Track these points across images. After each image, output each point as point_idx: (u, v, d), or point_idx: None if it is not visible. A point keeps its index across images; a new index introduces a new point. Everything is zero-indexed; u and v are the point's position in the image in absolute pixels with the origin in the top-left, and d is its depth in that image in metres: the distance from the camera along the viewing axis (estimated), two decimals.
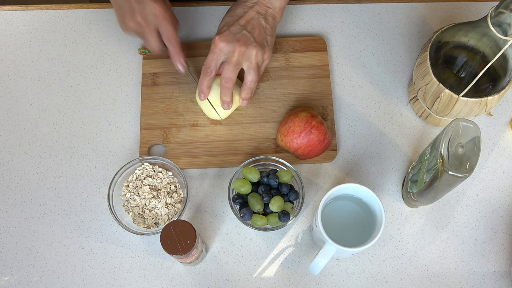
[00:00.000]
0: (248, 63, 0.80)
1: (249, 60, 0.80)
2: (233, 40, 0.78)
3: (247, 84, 0.82)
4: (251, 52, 0.79)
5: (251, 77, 0.81)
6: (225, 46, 0.78)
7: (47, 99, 0.90)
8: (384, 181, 0.86)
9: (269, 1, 0.82)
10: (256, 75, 0.81)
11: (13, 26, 0.95)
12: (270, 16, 0.82)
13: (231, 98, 0.82)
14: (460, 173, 0.65)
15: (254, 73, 0.81)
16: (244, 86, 0.82)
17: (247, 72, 0.81)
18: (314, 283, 0.80)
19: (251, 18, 0.80)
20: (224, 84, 0.80)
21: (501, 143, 0.88)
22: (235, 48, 0.78)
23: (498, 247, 0.82)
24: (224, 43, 0.78)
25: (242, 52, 0.78)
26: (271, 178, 0.79)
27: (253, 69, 0.80)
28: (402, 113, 0.90)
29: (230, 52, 0.78)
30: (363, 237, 0.75)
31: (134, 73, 0.92)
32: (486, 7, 0.97)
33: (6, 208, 0.84)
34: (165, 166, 0.84)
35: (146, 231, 0.80)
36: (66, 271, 0.81)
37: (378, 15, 0.97)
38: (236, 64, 0.79)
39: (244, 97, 0.83)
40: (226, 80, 0.80)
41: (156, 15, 0.78)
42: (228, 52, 0.79)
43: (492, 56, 0.72)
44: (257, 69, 0.81)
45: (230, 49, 0.78)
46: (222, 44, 0.78)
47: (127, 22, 0.79)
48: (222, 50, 0.78)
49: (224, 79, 0.80)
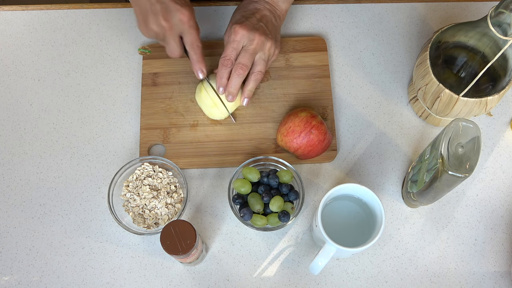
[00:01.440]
0: (262, 53, 0.81)
1: (263, 51, 0.81)
2: (253, 29, 0.79)
3: (254, 73, 0.82)
4: (268, 43, 0.80)
5: (260, 67, 0.81)
6: (246, 33, 0.79)
7: (47, 99, 0.90)
8: (384, 181, 0.86)
9: (277, 3, 0.84)
10: (265, 67, 0.82)
11: (13, 26, 0.95)
12: (277, 17, 0.84)
13: (238, 88, 0.82)
14: (460, 173, 0.65)
15: (264, 64, 0.82)
16: (250, 77, 0.82)
17: (257, 62, 0.81)
18: (314, 283, 0.80)
19: (264, 15, 0.82)
20: (239, 71, 0.80)
21: (501, 143, 0.88)
22: (255, 36, 0.79)
23: (498, 247, 0.82)
24: (246, 31, 0.79)
25: (261, 41, 0.80)
26: (271, 178, 0.79)
27: (264, 60, 0.81)
28: (402, 113, 0.90)
29: (250, 40, 0.79)
30: (363, 237, 0.75)
31: (134, 73, 0.92)
32: (486, 7, 0.97)
33: (6, 208, 0.84)
34: (165, 166, 0.84)
35: (146, 231, 0.80)
36: (66, 271, 0.81)
37: (378, 15, 0.97)
38: (253, 52, 0.80)
39: (249, 89, 0.83)
40: (241, 66, 0.80)
41: (183, 21, 0.77)
42: (248, 39, 0.79)
43: (492, 56, 0.72)
44: (267, 62, 0.82)
45: (250, 37, 0.79)
46: (244, 31, 0.79)
47: (149, 25, 0.77)
48: (243, 37, 0.79)
49: (239, 65, 0.80)
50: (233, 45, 0.79)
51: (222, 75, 0.81)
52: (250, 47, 0.79)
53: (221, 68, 0.80)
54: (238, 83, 0.81)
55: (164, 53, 0.91)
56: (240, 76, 0.80)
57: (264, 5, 0.84)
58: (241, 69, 0.80)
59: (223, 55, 0.80)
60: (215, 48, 0.92)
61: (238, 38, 0.79)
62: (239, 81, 0.81)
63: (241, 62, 0.80)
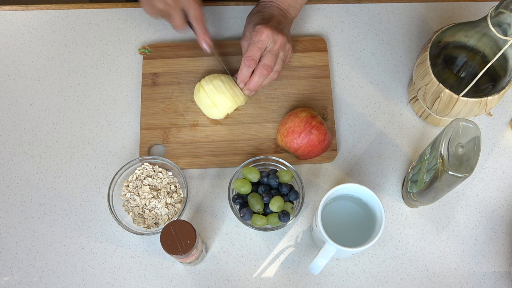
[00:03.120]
0: (282, 54, 0.83)
1: (284, 51, 0.83)
2: (277, 29, 0.81)
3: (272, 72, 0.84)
4: (288, 45, 0.83)
5: (278, 67, 0.84)
6: (271, 33, 0.80)
7: (47, 99, 0.90)
8: (384, 181, 0.86)
9: (287, 11, 0.88)
10: (282, 67, 0.85)
11: (13, 26, 0.95)
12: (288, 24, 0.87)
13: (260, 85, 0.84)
14: (460, 173, 0.65)
15: (282, 64, 0.84)
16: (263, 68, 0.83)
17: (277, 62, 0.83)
18: (314, 283, 0.80)
19: (281, 20, 0.84)
20: (263, 72, 0.82)
21: (501, 143, 0.88)
22: (279, 37, 0.81)
23: (498, 247, 0.82)
24: (271, 31, 0.80)
25: (283, 43, 0.81)
26: (271, 178, 0.79)
27: (283, 60, 0.84)
28: (402, 113, 0.90)
29: (274, 40, 0.81)
30: (363, 237, 0.75)
31: (134, 73, 0.92)
32: (486, 7, 0.97)
33: (6, 208, 0.84)
34: (165, 166, 0.84)
35: (146, 231, 0.80)
36: (66, 271, 0.81)
37: (378, 15, 0.97)
38: (277, 53, 0.82)
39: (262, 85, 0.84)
40: (267, 68, 0.81)
41: None
42: (272, 40, 0.81)
43: (492, 56, 0.72)
44: (284, 62, 0.85)
45: (275, 38, 0.80)
46: (269, 31, 0.80)
47: (154, 3, 0.79)
48: (268, 37, 0.80)
49: (264, 66, 0.81)
50: (258, 45, 0.80)
51: (245, 75, 0.83)
52: (274, 47, 0.81)
53: (245, 68, 0.82)
54: (261, 82, 0.83)
55: (164, 53, 0.91)
56: (263, 77, 0.82)
57: (278, 11, 0.86)
58: (266, 70, 0.82)
59: (247, 55, 0.81)
60: (214, 48, 0.92)
61: (264, 38, 0.80)
62: (262, 81, 0.83)
63: (266, 63, 0.81)
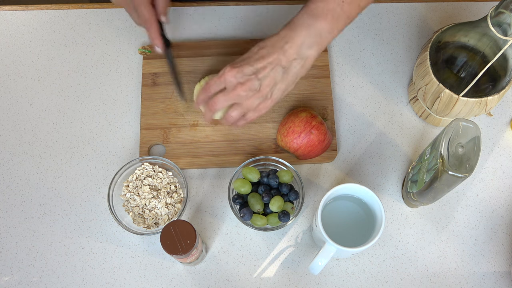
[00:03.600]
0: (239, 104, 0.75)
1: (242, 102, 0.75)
2: (239, 78, 0.73)
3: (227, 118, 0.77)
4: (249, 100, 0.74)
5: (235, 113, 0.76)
6: (230, 78, 0.73)
7: (47, 99, 0.90)
8: (384, 181, 0.86)
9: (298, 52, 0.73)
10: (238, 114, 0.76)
11: (13, 26, 0.95)
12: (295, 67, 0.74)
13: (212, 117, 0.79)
14: (460, 173, 0.65)
15: (238, 113, 0.76)
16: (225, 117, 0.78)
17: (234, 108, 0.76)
18: (314, 283, 0.80)
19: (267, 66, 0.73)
20: (211, 107, 0.76)
21: (501, 143, 0.88)
22: (237, 87, 0.73)
23: (498, 247, 0.82)
24: (231, 77, 0.73)
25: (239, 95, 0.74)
26: (271, 178, 0.79)
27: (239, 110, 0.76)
28: (402, 113, 0.90)
29: (232, 86, 0.74)
30: (363, 237, 0.75)
31: (134, 73, 0.92)
32: (486, 7, 0.97)
33: (6, 208, 0.84)
34: (165, 166, 0.84)
35: (146, 231, 0.80)
36: (66, 271, 0.81)
37: (378, 15, 0.97)
38: (230, 99, 0.75)
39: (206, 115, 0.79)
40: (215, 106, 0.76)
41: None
42: (230, 85, 0.74)
43: (492, 56, 0.72)
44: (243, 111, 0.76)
45: (232, 84, 0.74)
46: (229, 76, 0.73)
47: None
48: (226, 80, 0.74)
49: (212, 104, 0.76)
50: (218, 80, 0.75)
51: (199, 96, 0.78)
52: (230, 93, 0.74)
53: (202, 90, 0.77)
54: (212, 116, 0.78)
55: None
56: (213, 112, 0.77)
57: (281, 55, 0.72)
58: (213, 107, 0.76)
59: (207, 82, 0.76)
60: (214, 48, 0.92)
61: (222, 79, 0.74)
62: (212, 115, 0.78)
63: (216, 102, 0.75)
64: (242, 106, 0.75)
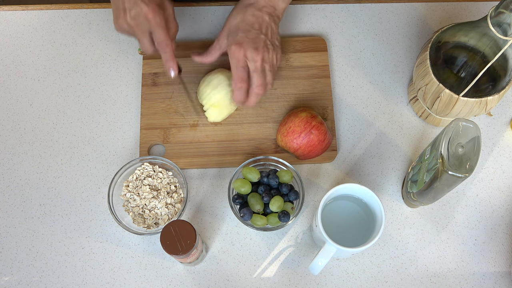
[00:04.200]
0: (267, 65, 0.80)
1: (269, 63, 0.80)
2: (253, 47, 0.78)
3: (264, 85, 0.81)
4: (271, 55, 0.80)
5: (269, 78, 0.81)
6: (247, 54, 0.78)
7: (47, 99, 0.90)
8: (384, 181, 0.86)
9: (276, 3, 0.83)
10: (273, 76, 0.82)
11: (13, 26, 0.95)
12: (276, 17, 0.83)
13: None
14: (460, 173, 0.65)
15: (272, 74, 0.82)
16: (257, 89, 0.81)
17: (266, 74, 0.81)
18: (314, 283, 0.80)
19: (263, 21, 0.81)
20: (258, 92, 0.80)
21: (501, 143, 0.88)
22: (258, 54, 0.78)
23: (498, 247, 0.82)
24: (247, 51, 0.78)
25: (265, 58, 0.79)
26: (271, 178, 0.79)
27: (271, 70, 0.81)
28: (402, 113, 0.90)
29: (253, 60, 0.78)
30: (363, 237, 0.75)
31: (134, 73, 0.92)
32: (486, 7, 0.97)
33: (6, 208, 0.84)
34: (165, 166, 0.84)
35: (146, 231, 0.80)
36: (66, 271, 0.81)
37: (378, 15, 0.97)
38: (263, 69, 0.80)
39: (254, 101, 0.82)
40: (260, 88, 0.80)
41: (148, 19, 0.76)
42: (251, 59, 0.78)
43: (492, 56, 0.72)
44: (274, 71, 0.82)
45: (253, 58, 0.78)
46: (245, 52, 0.78)
47: (120, 22, 0.77)
48: (247, 58, 0.78)
49: (258, 87, 0.80)
50: (240, 64, 0.79)
51: (241, 97, 0.81)
52: (257, 65, 0.79)
53: (238, 91, 0.80)
54: (258, 100, 0.82)
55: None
56: (259, 96, 0.81)
57: (263, 8, 0.82)
58: (260, 90, 0.80)
59: (233, 79, 0.80)
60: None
61: (241, 57, 0.78)
62: (259, 99, 0.82)
63: (258, 84, 0.80)
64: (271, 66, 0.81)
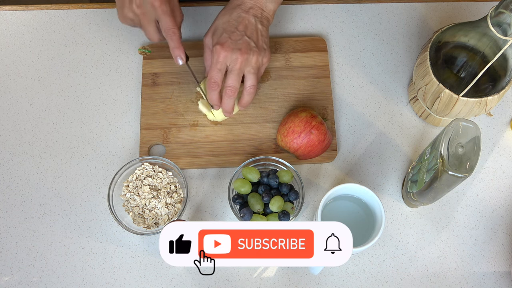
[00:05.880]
0: (249, 68, 0.80)
1: (250, 66, 0.80)
2: (235, 48, 0.78)
3: (247, 89, 0.82)
4: (253, 58, 0.79)
5: (250, 82, 0.81)
6: (229, 54, 0.78)
7: (47, 99, 0.90)
8: (384, 181, 0.86)
9: (264, 5, 0.82)
10: (256, 79, 0.81)
11: (13, 26, 0.95)
12: (265, 19, 0.82)
13: (233, 106, 0.83)
14: (460, 173, 0.65)
15: (254, 77, 0.81)
16: (244, 92, 0.82)
17: (247, 77, 0.81)
18: (314, 283, 0.80)
19: (249, 23, 0.80)
20: (229, 93, 0.80)
21: (501, 143, 0.88)
22: (238, 56, 0.78)
23: (498, 247, 0.82)
24: (228, 52, 0.78)
25: (245, 59, 0.78)
26: (271, 178, 0.79)
27: (254, 73, 0.80)
28: (402, 113, 0.90)
29: (234, 60, 0.78)
30: (363, 237, 0.75)
31: (134, 73, 0.92)
32: (486, 7, 0.97)
33: (6, 208, 0.84)
34: (165, 166, 0.84)
35: (146, 231, 0.80)
36: (66, 271, 0.81)
37: (378, 15, 0.97)
38: (239, 72, 0.79)
39: (245, 102, 0.83)
40: (231, 89, 0.80)
41: (154, 7, 0.75)
42: (231, 60, 0.78)
43: (492, 56, 0.72)
44: (257, 73, 0.82)
45: (233, 57, 0.78)
46: (226, 52, 0.78)
47: (125, 11, 0.77)
48: (226, 58, 0.78)
49: (228, 88, 0.80)
50: (217, 66, 0.78)
51: (212, 98, 0.81)
52: (235, 67, 0.78)
53: (210, 91, 0.80)
54: (231, 102, 0.81)
55: (164, 53, 0.91)
56: (231, 97, 0.81)
57: (249, 10, 0.81)
58: (230, 91, 0.80)
59: (208, 77, 0.80)
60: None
61: (221, 59, 0.78)
62: (232, 101, 0.81)
63: (229, 84, 0.79)
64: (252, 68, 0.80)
